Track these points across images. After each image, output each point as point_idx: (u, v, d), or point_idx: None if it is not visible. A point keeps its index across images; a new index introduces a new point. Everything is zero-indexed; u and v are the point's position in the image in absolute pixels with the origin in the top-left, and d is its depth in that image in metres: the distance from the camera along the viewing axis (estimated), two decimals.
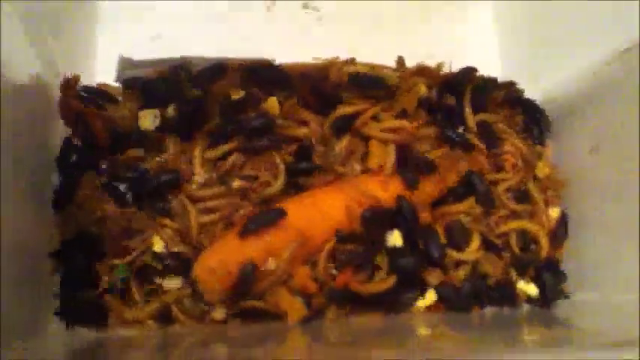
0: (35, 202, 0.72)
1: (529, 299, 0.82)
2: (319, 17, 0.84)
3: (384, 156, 0.78)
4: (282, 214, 0.72)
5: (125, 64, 0.77)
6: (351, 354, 0.60)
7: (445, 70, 0.84)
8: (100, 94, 0.77)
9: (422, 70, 0.84)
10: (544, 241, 0.82)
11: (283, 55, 0.78)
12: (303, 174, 0.77)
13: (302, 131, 0.78)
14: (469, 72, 0.85)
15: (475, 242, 0.79)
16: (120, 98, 0.77)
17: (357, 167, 0.78)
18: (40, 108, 0.74)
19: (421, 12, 0.91)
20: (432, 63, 0.83)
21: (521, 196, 0.84)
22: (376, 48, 0.81)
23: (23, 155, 0.67)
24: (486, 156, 0.83)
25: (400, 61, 0.83)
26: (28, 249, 0.69)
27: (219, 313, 0.72)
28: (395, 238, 0.76)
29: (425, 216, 0.77)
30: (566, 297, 0.83)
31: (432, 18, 0.92)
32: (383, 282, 0.75)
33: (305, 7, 0.82)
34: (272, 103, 0.77)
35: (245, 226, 0.71)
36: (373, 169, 0.78)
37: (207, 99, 0.77)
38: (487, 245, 0.81)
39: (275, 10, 0.82)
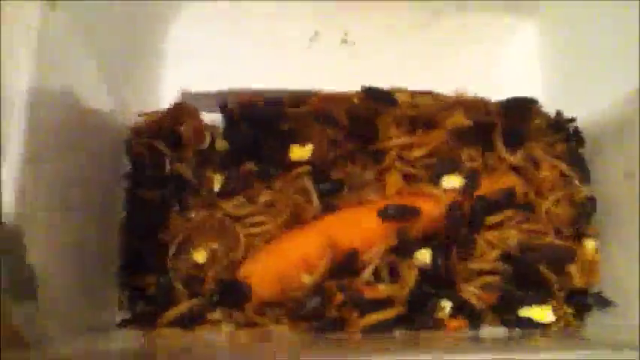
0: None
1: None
2: (356, 50, 0.90)
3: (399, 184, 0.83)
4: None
5: (186, 97, 0.89)
6: None
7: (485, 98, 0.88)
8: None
9: (461, 101, 0.88)
10: (574, 270, 0.82)
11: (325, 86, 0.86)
12: (327, 195, 0.83)
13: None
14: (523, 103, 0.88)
15: (493, 254, 0.81)
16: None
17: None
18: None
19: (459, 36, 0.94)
20: (471, 90, 0.87)
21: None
22: (414, 76, 0.86)
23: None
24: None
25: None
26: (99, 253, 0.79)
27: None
28: (424, 257, 0.80)
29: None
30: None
31: (471, 43, 0.94)
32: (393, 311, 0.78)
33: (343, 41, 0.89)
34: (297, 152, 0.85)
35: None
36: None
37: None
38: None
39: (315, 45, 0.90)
